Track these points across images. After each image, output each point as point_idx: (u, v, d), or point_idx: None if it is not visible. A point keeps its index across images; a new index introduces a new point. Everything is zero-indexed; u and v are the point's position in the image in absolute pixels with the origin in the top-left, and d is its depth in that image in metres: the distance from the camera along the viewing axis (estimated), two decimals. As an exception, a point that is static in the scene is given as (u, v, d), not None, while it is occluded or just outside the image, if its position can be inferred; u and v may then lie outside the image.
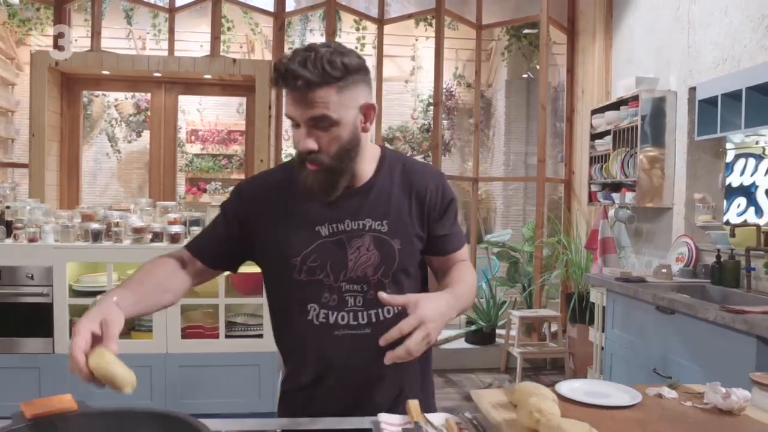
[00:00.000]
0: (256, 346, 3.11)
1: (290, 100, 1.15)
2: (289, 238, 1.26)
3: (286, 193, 1.28)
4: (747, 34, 3.15)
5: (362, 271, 1.25)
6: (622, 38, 4.55)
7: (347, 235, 1.25)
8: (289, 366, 1.37)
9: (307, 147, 1.15)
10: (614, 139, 4.19)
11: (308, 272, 1.24)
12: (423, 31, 5.74)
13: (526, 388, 1.15)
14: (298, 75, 1.10)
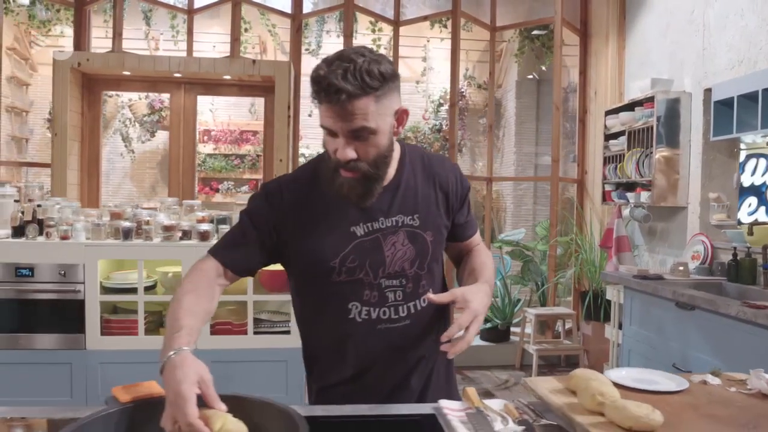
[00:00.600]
0: (284, 342, 3.16)
1: (329, 112, 1.14)
2: (325, 241, 1.27)
3: (315, 196, 1.29)
4: (763, 36, 3.22)
5: (400, 266, 1.30)
6: (635, 40, 4.62)
7: (382, 233, 1.29)
8: (322, 365, 1.39)
9: (347, 157, 1.16)
10: (629, 139, 4.25)
11: (348, 273, 1.27)
12: (438, 32, 5.80)
13: (584, 374, 1.22)
14: (341, 89, 1.10)
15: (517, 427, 1.14)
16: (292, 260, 1.34)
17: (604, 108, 4.80)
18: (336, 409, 1.26)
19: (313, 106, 1.32)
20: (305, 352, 1.43)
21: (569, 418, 1.11)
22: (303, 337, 1.43)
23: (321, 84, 1.13)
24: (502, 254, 5.61)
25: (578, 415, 1.11)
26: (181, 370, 0.99)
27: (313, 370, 1.41)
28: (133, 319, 3.12)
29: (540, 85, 6.92)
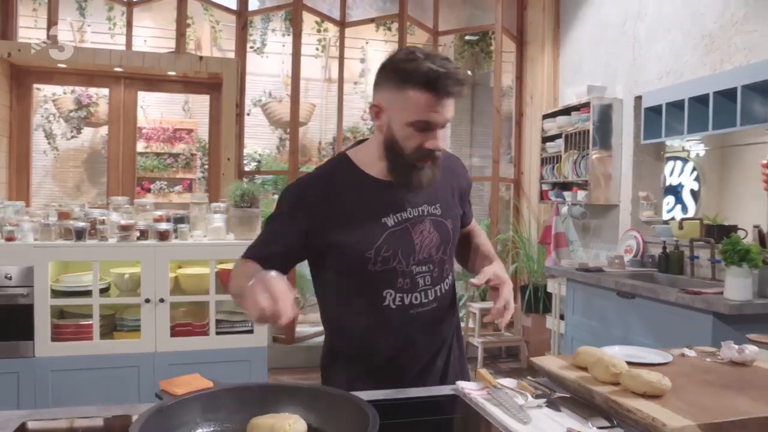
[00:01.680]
0: (247, 341, 3.15)
1: (436, 104, 1.21)
2: (360, 234, 1.32)
3: (342, 191, 1.35)
4: (688, 50, 3.55)
5: (428, 252, 1.38)
6: (569, 49, 4.93)
7: (410, 222, 1.36)
8: (354, 353, 1.43)
9: (440, 146, 1.27)
10: (566, 141, 4.54)
11: (383, 262, 1.33)
12: (382, 35, 5.90)
13: (590, 350, 1.35)
14: (461, 81, 1.21)
15: (539, 401, 1.25)
16: (327, 256, 1.37)
17: (539, 112, 5.09)
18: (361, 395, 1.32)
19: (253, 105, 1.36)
20: (332, 344, 1.48)
21: (587, 389, 1.23)
22: (333, 329, 1.48)
23: (442, 77, 1.19)
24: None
25: (595, 386, 1.23)
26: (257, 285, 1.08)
27: (342, 360, 1.45)
28: (86, 323, 3.00)
29: (474, 89, 7.18)
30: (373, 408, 0.98)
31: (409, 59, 1.22)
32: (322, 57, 6.57)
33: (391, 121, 1.27)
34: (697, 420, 1.03)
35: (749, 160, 4.77)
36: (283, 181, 5.01)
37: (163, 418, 0.98)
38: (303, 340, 4.74)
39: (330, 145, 7.01)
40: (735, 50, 3.18)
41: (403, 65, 1.22)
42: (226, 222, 3.20)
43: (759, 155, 4.05)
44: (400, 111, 1.24)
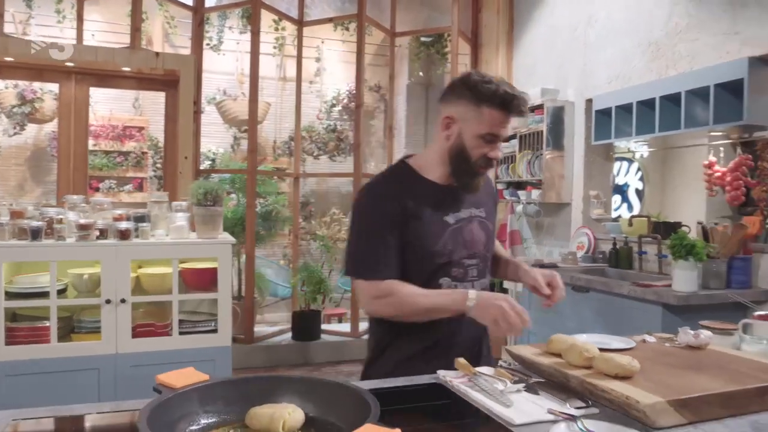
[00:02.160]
0: (211, 341, 3.12)
1: (505, 122, 1.47)
2: (430, 230, 1.53)
3: (411, 193, 1.53)
4: (636, 57, 3.75)
5: (477, 248, 1.60)
6: (523, 53, 5.09)
7: (465, 222, 1.59)
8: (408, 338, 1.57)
9: (499, 156, 1.54)
10: (520, 142, 4.69)
11: (446, 255, 1.54)
12: (339, 35, 5.92)
13: (562, 338, 1.44)
14: (528, 104, 1.50)
15: (518, 386, 1.32)
16: (403, 249, 1.52)
17: (494, 113, 5.22)
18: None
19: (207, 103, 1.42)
20: (385, 330, 1.59)
21: (562, 373, 1.31)
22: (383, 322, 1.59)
23: (516, 101, 1.45)
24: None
25: (570, 370, 1.31)
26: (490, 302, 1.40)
27: (394, 345, 1.59)
28: (43, 326, 2.91)
29: (429, 90, 7.30)
30: (372, 396, 1.02)
31: (485, 81, 1.45)
32: (277, 56, 6.55)
33: (463, 131, 1.49)
34: (666, 397, 1.12)
35: (688, 161, 5.05)
36: (240, 180, 4.96)
37: (164, 410, 1.00)
38: (262, 340, 4.72)
39: (285, 144, 6.98)
40: (679, 57, 3.38)
41: (481, 86, 1.45)
42: (188, 221, 3.16)
43: (697, 156, 4.30)
44: (474, 124, 1.47)
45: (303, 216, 6.54)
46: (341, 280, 6.23)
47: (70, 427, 1.13)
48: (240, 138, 6.65)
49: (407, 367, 1.51)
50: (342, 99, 7.13)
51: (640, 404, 1.10)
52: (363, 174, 5.08)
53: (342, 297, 6.00)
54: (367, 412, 0.98)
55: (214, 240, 3.13)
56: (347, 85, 7.20)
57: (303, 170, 5.73)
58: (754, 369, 1.33)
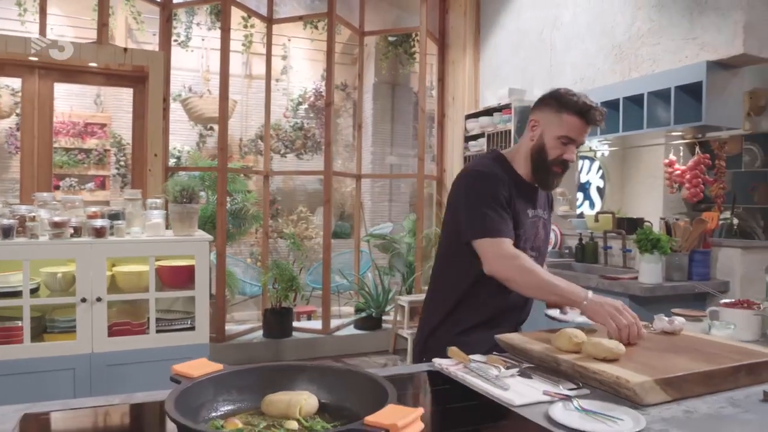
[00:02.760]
0: (188, 339, 3.11)
1: (583, 129, 1.69)
2: (518, 216, 1.73)
3: (511, 182, 1.74)
4: (600, 59, 3.90)
5: (539, 242, 1.82)
6: (489, 54, 5.22)
7: (537, 218, 1.81)
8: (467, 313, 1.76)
9: (573, 159, 1.73)
10: (488, 141, 4.81)
11: (523, 241, 1.74)
12: (309, 33, 5.93)
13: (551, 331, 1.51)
14: (604, 115, 1.71)
15: (512, 371, 1.40)
16: None
17: (461, 112, 5.34)
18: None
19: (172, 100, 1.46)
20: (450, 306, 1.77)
21: (553, 358, 1.39)
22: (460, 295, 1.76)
23: (596, 111, 1.68)
24: (370, 247, 5.92)
25: (560, 354, 1.39)
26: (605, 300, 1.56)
27: (453, 319, 1.78)
28: (14, 326, 2.85)
29: (395, 89, 7.37)
30: (386, 380, 1.08)
31: (569, 94, 1.70)
32: (243, 53, 6.50)
33: (545, 133, 1.71)
34: (652, 376, 1.21)
35: (646, 160, 5.26)
36: (210, 178, 4.92)
37: (186, 398, 1.03)
38: (233, 338, 4.70)
39: (252, 141, 6.95)
40: (641, 60, 3.55)
41: (564, 97, 1.69)
42: (164, 218, 3.14)
43: (653, 155, 4.50)
44: (555, 127, 1.69)
45: (270, 214, 6.52)
46: (309, 278, 6.25)
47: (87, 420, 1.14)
48: (206, 136, 6.59)
49: (464, 339, 1.68)
50: (308, 97, 7.14)
51: (630, 383, 1.19)
52: (333, 172, 5.10)
53: (311, 294, 6.02)
54: (379, 396, 1.03)
55: (190, 237, 3.12)
56: (313, 83, 7.21)
57: (270, 168, 5.71)
58: (725, 351, 1.44)
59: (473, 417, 1.15)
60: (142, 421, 1.19)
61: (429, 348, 1.78)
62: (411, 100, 7.64)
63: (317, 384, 1.16)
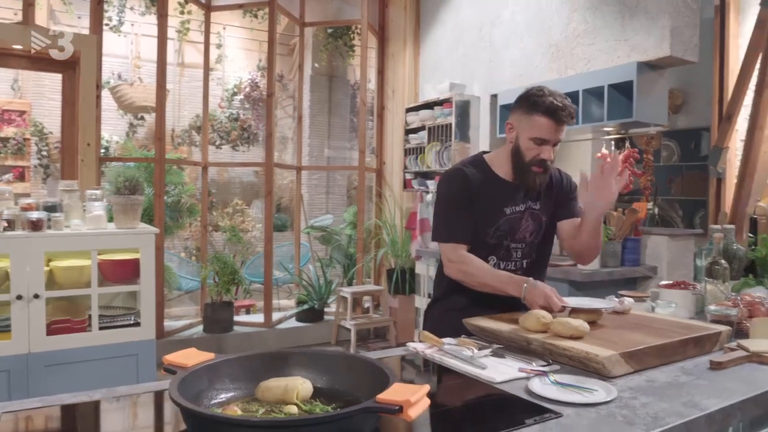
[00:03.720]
0: (133, 335, 3.01)
1: (553, 127, 1.71)
2: (488, 215, 1.82)
3: (482, 183, 1.82)
4: (538, 57, 4.08)
5: (523, 235, 1.87)
6: (429, 48, 5.32)
7: (520, 213, 1.85)
8: (455, 295, 1.87)
9: (550, 157, 1.77)
10: (429, 134, 4.91)
11: (496, 237, 1.83)
12: (248, 21, 5.81)
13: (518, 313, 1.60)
14: (572, 114, 1.73)
15: (484, 351, 1.47)
16: None
17: (401, 105, 5.42)
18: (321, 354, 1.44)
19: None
20: (444, 289, 1.91)
21: (523, 338, 1.48)
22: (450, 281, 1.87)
23: (562, 109, 1.70)
24: (311, 239, 5.91)
25: (529, 334, 1.48)
26: (538, 291, 1.67)
27: (443, 300, 1.93)
28: (-59, 326, 2.66)
29: (332, 81, 7.36)
30: (380, 362, 1.11)
31: (538, 94, 1.72)
32: (177, 40, 6.29)
33: (519, 135, 1.77)
34: (617, 350, 1.32)
35: (575, 155, 5.55)
36: (147, 169, 4.75)
37: (185, 387, 1.02)
38: (172, 334, 4.57)
39: (186, 132, 6.74)
40: (577, 59, 3.74)
41: (533, 98, 1.72)
42: (105, 210, 3.02)
43: (583, 150, 4.76)
44: (527, 129, 1.74)
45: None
46: (247, 271, 6.15)
47: (21, 425, 1.11)
48: (137, 125, 6.33)
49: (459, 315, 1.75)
50: (244, 87, 7.00)
51: (599, 357, 1.29)
52: (275, 164, 5.05)
53: (249, 288, 5.93)
54: (376, 377, 1.07)
55: (135, 230, 3.01)
56: (249, 73, 7.08)
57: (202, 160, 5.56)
58: (672, 326, 1.57)
59: (461, 395, 1.21)
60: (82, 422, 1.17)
61: (431, 317, 1.98)
62: (348, 93, 7.65)
63: (308, 369, 1.18)
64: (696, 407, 1.11)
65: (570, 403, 1.13)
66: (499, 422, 1.04)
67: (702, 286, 1.87)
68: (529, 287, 1.69)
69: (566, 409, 1.10)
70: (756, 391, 1.21)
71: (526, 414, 1.08)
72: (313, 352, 1.22)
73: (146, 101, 5.96)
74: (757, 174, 4.12)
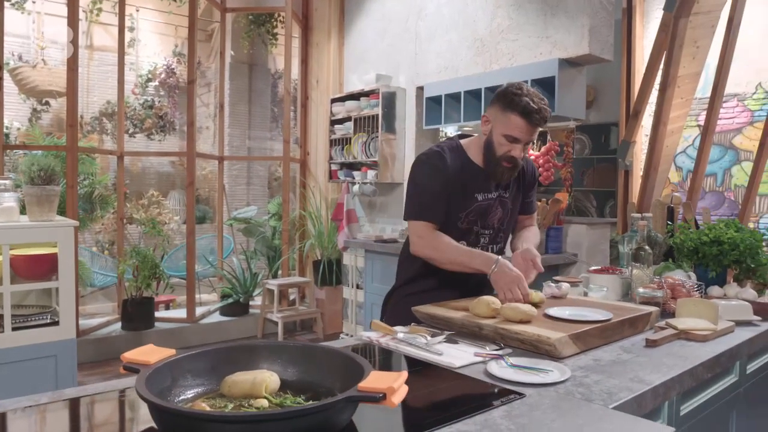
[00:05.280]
0: (50, 335, 2.81)
1: (526, 128, 1.74)
2: (461, 200, 1.85)
3: (458, 168, 1.84)
4: (463, 50, 4.18)
5: (492, 221, 1.92)
6: (354, 38, 5.30)
7: (492, 201, 1.89)
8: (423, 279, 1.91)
9: (521, 156, 1.80)
10: (355, 125, 4.91)
11: (467, 223, 1.87)
12: (164, 4, 5.54)
13: (466, 299, 1.65)
14: (546, 118, 1.75)
15: (438, 338, 1.51)
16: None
17: (326, 96, 5.39)
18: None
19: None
20: (413, 272, 1.94)
21: (475, 324, 1.53)
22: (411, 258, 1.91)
23: (537, 112, 1.72)
24: (233, 231, 5.76)
25: (481, 320, 1.53)
26: (508, 273, 1.70)
27: (410, 283, 1.95)
28: None
29: (252, 70, 7.18)
30: (349, 351, 1.12)
31: (515, 93, 1.74)
32: (86, 21, 5.90)
33: (493, 130, 1.80)
34: (566, 332, 1.40)
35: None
36: (57, 158, 4.42)
37: (150, 385, 0.98)
38: (89, 333, 4.32)
39: (96, 119, 6.34)
40: (501, 54, 3.87)
41: (511, 96, 1.74)
42: (17, 201, 2.79)
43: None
44: (501, 125, 1.77)
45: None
46: (165, 265, 5.90)
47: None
48: (41, 111, 5.88)
49: (419, 299, 1.79)
50: (159, 74, 6.69)
51: (551, 339, 1.36)
52: (197, 153, 4.87)
53: (169, 281, 5.69)
54: (346, 367, 1.07)
55: (52, 223, 2.81)
56: (165, 59, 6.77)
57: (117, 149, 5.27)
58: (609, 308, 1.68)
59: (425, 381, 1.23)
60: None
61: (389, 302, 2.04)
62: (269, 82, 7.49)
63: (273, 362, 1.16)
64: (642, 382, 1.20)
65: (529, 384, 1.18)
66: (468, 405, 1.07)
67: (629, 271, 2.01)
68: (498, 269, 1.72)
69: (527, 390, 1.15)
70: (689, 365, 1.32)
71: (492, 396, 1.12)
72: (278, 344, 1.20)
73: (51, 85, 5.56)
74: (661, 166, 4.46)
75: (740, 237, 1.92)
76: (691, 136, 4.95)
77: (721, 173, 4.88)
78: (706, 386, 1.49)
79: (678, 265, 2.05)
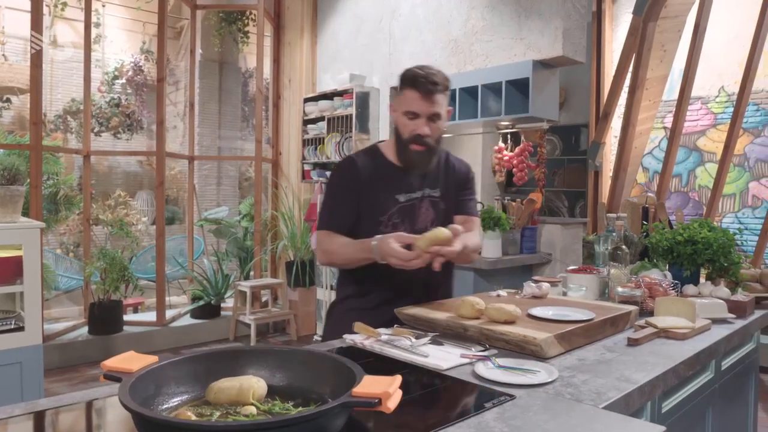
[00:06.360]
0: (15, 341, 2.72)
1: (420, 99, 1.65)
2: (380, 204, 1.76)
3: (374, 171, 1.77)
4: (438, 51, 4.19)
5: (424, 224, 1.81)
6: (327, 38, 5.27)
7: (417, 200, 1.80)
8: (361, 288, 1.82)
9: (425, 132, 1.68)
10: (328, 124, 4.88)
11: (392, 227, 1.75)
12: (134, 1, 5.41)
13: (449, 300, 1.65)
14: (437, 83, 1.65)
15: (422, 340, 1.50)
16: (358, 218, 1.77)
17: (298, 95, 5.34)
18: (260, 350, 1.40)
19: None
20: (347, 281, 1.85)
21: (460, 325, 1.52)
22: (350, 271, 1.81)
23: (421, 78, 1.64)
24: (204, 232, 5.66)
25: (465, 321, 1.53)
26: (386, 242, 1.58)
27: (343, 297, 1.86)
28: None
29: (222, 68, 7.07)
30: (339, 355, 1.10)
31: (406, 70, 1.70)
32: (49, 16, 5.72)
33: (396, 114, 1.74)
34: (551, 332, 1.40)
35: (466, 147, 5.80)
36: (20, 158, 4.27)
37: (134, 393, 0.95)
38: (54, 338, 4.18)
39: (59, 117, 6.16)
40: (475, 55, 3.89)
41: (403, 74, 1.71)
42: (-21, 203, 2.69)
43: (473, 144, 4.98)
44: (399, 105, 1.72)
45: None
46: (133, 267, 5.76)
47: None
48: (1, 108, 5.68)
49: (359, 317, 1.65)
50: (126, 71, 6.53)
51: (537, 340, 1.36)
52: (167, 153, 4.77)
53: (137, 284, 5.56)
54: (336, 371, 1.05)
55: (16, 225, 2.71)
56: (132, 56, 6.62)
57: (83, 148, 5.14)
58: (590, 308, 1.70)
59: (414, 383, 1.22)
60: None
61: (327, 323, 1.93)
62: (239, 81, 7.39)
63: (260, 367, 1.13)
64: (628, 381, 1.21)
65: (518, 385, 1.18)
66: (460, 407, 1.06)
67: (606, 270, 2.03)
68: (377, 245, 1.60)
69: (517, 391, 1.15)
70: (672, 364, 1.34)
71: (482, 398, 1.11)
72: (264, 349, 1.17)
73: (12, 81, 5.38)
74: (630, 167, 4.55)
75: (713, 236, 1.96)
76: (657, 138, 5.06)
77: (686, 174, 5.01)
78: (685, 384, 1.51)
79: (654, 265, 2.09)
